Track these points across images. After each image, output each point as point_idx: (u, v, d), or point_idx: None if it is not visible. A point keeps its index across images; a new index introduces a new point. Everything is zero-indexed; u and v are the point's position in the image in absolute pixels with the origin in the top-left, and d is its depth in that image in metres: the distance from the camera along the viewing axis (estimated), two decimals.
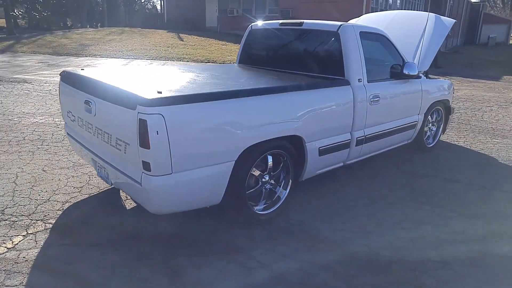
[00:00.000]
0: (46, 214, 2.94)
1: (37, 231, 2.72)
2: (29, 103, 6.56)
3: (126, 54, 14.09)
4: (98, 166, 2.86)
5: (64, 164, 3.92)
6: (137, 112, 2.16)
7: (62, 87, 3.11)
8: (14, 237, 2.64)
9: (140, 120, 2.15)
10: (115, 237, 2.72)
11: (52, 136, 4.79)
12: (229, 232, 2.81)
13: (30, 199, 3.16)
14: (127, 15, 44.48)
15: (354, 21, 5.52)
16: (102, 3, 36.21)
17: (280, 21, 4.00)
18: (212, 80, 3.11)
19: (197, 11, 23.55)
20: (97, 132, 2.67)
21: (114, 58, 13.29)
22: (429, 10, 23.57)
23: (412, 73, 3.85)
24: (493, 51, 24.02)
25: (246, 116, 2.55)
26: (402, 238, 2.83)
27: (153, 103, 2.15)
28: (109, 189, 3.37)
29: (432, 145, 4.94)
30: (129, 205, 3.15)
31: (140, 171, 2.29)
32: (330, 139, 3.25)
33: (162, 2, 25.99)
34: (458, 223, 3.08)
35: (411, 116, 4.24)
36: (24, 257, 2.43)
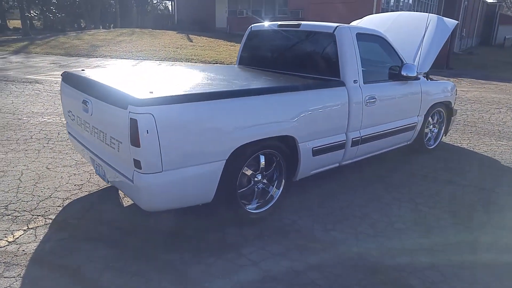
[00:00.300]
0: (47, 210, 3.05)
1: (37, 226, 2.82)
2: (39, 103, 6.74)
3: (136, 55, 14.31)
4: (96, 164, 2.95)
5: (67, 162, 4.04)
6: (129, 112, 2.24)
7: (63, 87, 3.22)
8: (16, 231, 2.75)
9: (131, 119, 2.22)
10: (111, 232, 2.80)
11: (58, 135, 4.93)
12: (221, 230, 2.87)
13: (33, 195, 3.28)
14: (139, 16, 45.10)
15: (356, 22, 5.52)
16: (115, 4, 36.79)
17: (278, 23, 4.05)
18: (207, 81, 3.17)
19: (207, 12, 23.76)
20: (94, 131, 2.76)
21: (123, 59, 13.52)
22: (443, 10, 23.23)
23: (411, 74, 3.85)
24: (509, 52, 23.56)
25: (237, 116, 2.61)
26: (393, 238, 2.84)
27: (144, 103, 2.22)
28: (108, 186, 3.47)
29: (433, 146, 4.91)
30: (126, 202, 3.24)
31: (132, 169, 2.37)
32: (324, 139, 3.27)
33: (172, 3, 26.29)
34: (451, 225, 3.08)
35: (410, 118, 4.24)
36: (23, 251, 2.53)
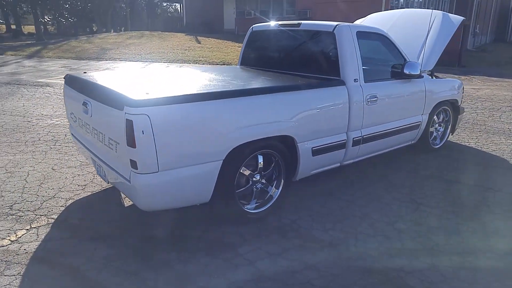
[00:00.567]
0: (50, 210, 3.11)
1: (40, 226, 2.88)
2: (48, 105, 6.88)
3: (145, 57, 14.48)
4: (97, 165, 2.99)
5: (72, 163, 4.11)
6: (124, 113, 2.27)
7: (65, 89, 3.29)
8: (18, 230, 2.82)
9: (126, 120, 2.25)
10: (111, 232, 2.84)
11: (65, 137, 5.02)
12: (219, 229, 2.88)
13: (37, 196, 3.35)
14: (150, 19, 45.60)
15: (360, 21, 5.48)
16: (125, 8, 37.29)
17: (279, 22, 4.05)
18: (206, 82, 3.19)
19: (215, 14, 23.89)
20: (94, 132, 2.80)
21: (132, 61, 13.70)
22: (455, 6, 22.83)
23: (414, 72, 3.80)
24: None
25: (233, 117, 2.61)
26: (393, 238, 2.81)
27: (139, 104, 2.25)
28: (109, 187, 3.52)
29: (439, 146, 4.83)
30: (127, 202, 3.28)
31: (129, 170, 2.40)
32: (324, 139, 3.26)
33: (181, 5, 26.51)
34: (454, 225, 3.02)
35: (413, 117, 4.18)
36: (25, 249, 2.59)
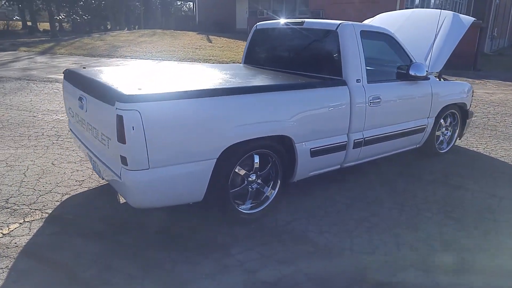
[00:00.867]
0: (45, 205, 3.11)
1: (33, 220, 2.88)
2: (55, 101, 6.95)
3: (155, 55, 14.55)
4: (92, 161, 2.98)
5: (72, 158, 4.12)
6: (115, 108, 2.24)
7: (64, 84, 3.28)
8: (11, 224, 2.82)
9: (117, 115, 2.22)
10: (104, 229, 2.82)
11: (68, 132, 5.04)
12: (212, 229, 2.83)
13: (34, 190, 3.36)
14: (164, 17, 45.92)
15: (369, 21, 5.38)
16: (140, 6, 37.66)
17: (283, 21, 3.98)
18: (204, 80, 3.15)
19: (228, 13, 23.90)
20: (89, 128, 2.79)
21: (143, 59, 13.77)
22: (473, 8, 22.42)
23: (419, 74, 3.70)
24: None
25: (228, 115, 2.56)
26: (389, 243, 2.72)
27: (130, 99, 2.22)
28: (107, 183, 3.50)
29: (445, 150, 4.70)
30: (123, 199, 3.25)
31: (120, 166, 2.37)
32: (323, 140, 3.18)
33: (194, 4, 26.62)
34: (454, 232, 2.92)
35: (419, 120, 4.06)
36: (15, 243, 2.58)
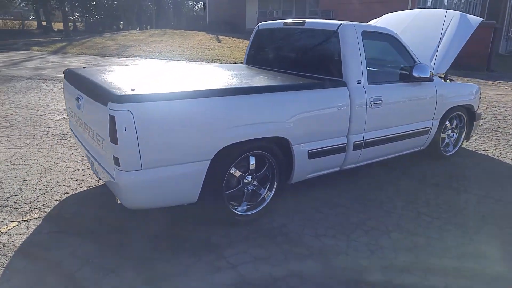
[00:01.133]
0: (44, 203, 3.14)
1: (32, 219, 2.91)
2: (63, 100, 6.99)
3: (164, 55, 14.65)
4: (90, 161, 3.00)
5: (75, 158, 4.16)
6: (108, 108, 2.24)
7: (64, 84, 3.32)
8: (10, 222, 2.85)
9: (110, 116, 2.23)
10: (99, 228, 2.84)
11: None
12: (208, 230, 2.82)
13: (35, 189, 3.40)
14: (175, 17, 46.23)
15: (374, 21, 5.30)
16: (152, 6, 38.01)
17: (284, 21, 3.95)
18: (202, 80, 3.14)
19: (238, 13, 23.93)
20: (85, 128, 2.81)
21: (152, 59, 13.88)
22: (487, 8, 21.99)
23: (423, 75, 3.62)
24: None
25: (221, 116, 2.54)
26: (386, 248, 2.66)
27: (122, 100, 2.22)
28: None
29: (451, 153, 4.60)
30: None
31: (113, 166, 2.37)
32: (321, 142, 3.14)
33: (204, 4, 26.73)
34: (454, 237, 2.84)
35: (422, 122, 3.98)
36: (12, 242, 2.61)
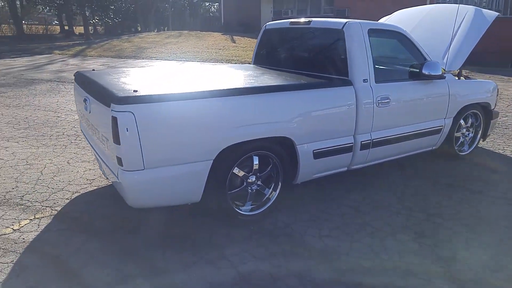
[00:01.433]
0: (55, 202, 3.24)
1: (43, 217, 3.00)
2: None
3: (180, 56, 14.83)
4: (98, 161, 3.07)
5: (87, 158, 4.26)
6: (111, 110, 2.29)
7: (75, 86, 3.40)
8: (22, 220, 2.95)
9: (112, 117, 2.27)
10: (106, 227, 2.90)
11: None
12: (210, 230, 2.84)
13: (47, 188, 3.50)
14: (192, 18, 46.70)
15: (385, 18, 5.21)
16: (169, 8, 38.54)
17: (291, 20, 3.93)
18: (207, 81, 3.17)
19: (253, 13, 23.94)
20: (92, 129, 2.87)
21: (167, 60, 14.08)
22: (510, 3, 21.22)
23: (434, 73, 3.53)
24: None
25: (224, 116, 2.56)
26: (391, 250, 2.61)
27: (124, 101, 2.26)
28: None
29: (467, 152, 4.46)
30: None
31: (117, 166, 2.42)
32: (327, 142, 3.11)
33: (219, 5, 26.89)
34: (463, 239, 2.76)
35: (434, 120, 3.88)
36: (23, 239, 2.70)
